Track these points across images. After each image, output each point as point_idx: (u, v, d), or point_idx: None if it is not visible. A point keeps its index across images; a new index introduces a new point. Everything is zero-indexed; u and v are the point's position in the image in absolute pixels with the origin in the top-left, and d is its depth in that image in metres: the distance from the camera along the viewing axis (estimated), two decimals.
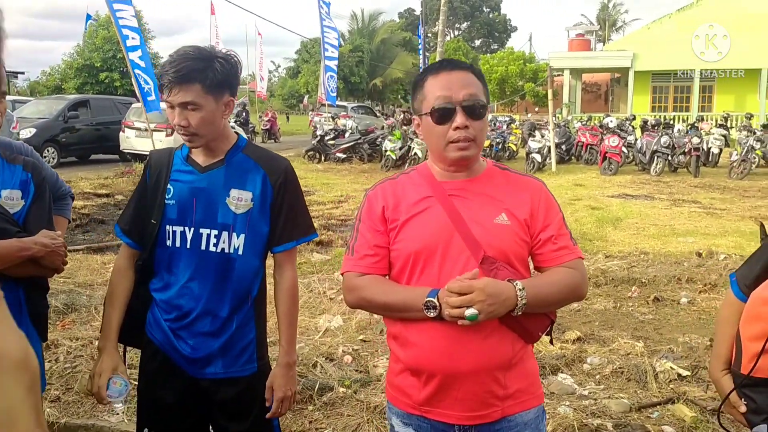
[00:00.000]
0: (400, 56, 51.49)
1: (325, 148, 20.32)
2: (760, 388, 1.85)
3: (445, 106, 1.84)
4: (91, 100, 20.85)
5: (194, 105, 2.12)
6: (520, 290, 1.76)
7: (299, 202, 2.34)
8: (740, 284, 1.97)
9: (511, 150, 20.50)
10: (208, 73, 2.11)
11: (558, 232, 1.90)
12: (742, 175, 16.03)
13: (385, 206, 1.93)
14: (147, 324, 2.33)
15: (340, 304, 5.78)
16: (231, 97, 2.21)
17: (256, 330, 2.32)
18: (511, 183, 1.95)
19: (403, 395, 1.94)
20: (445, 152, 1.88)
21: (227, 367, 2.27)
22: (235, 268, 2.24)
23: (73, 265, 7.05)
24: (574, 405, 3.99)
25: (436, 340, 1.82)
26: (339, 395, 4.07)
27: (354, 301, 1.96)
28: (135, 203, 2.34)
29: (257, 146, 2.39)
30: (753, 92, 28.61)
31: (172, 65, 2.10)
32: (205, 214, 2.22)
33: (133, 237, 2.32)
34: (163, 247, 2.26)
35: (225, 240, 2.22)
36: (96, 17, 31.36)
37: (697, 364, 4.59)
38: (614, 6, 65.67)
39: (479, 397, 1.85)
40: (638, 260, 7.71)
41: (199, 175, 2.24)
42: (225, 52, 2.20)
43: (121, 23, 15.36)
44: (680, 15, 28.84)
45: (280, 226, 2.29)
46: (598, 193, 13.73)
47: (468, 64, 1.97)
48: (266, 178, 2.25)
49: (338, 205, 12.05)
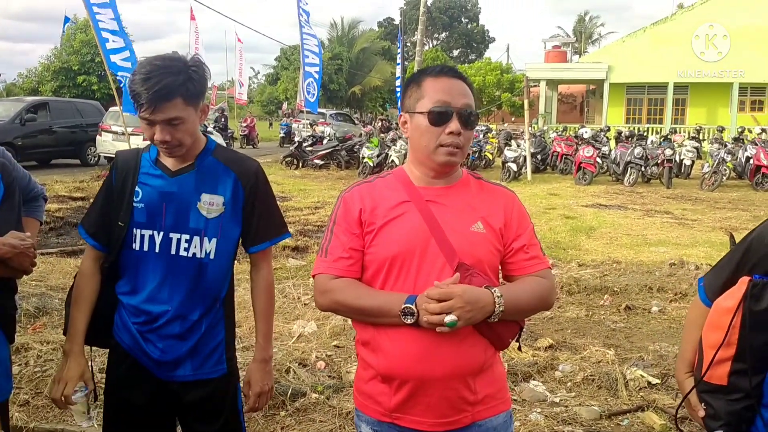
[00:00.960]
0: (378, 65, 51.56)
1: (302, 155, 20.30)
2: (718, 394, 1.89)
3: (443, 110, 1.86)
4: (50, 102, 20.21)
5: (178, 120, 2.08)
6: (498, 297, 1.77)
7: (271, 203, 2.34)
8: (707, 290, 2.01)
9: (487, 159, 20.64)
10: (188, 85, 2.06)
11: (529, 241, 1.94)
12: (713, 186, 16.29)
13: (363, 209, 1.92)
14: (114, 326, 2.30)
15: (315, 310, 5.78)
16: (204, 102, 2.18)
17: (225, 331, 2.31)
18: (486, 192, 1.97)
19: (373, 402, 1.93)
20: (433, 154, 1.89)
21: (196, 369, 2.25)
22: (207, 273, 2.22)
23: (46, 268, 6.96)
24: (546, 412, 4.03)
25: (409, 346, 1.82)
26: (311, 401, 4.07)
27: (326, 304, 1.93)
28: (100, 205, 2.29)
29: (225, 148, 2.35)
30: (725, 105, 29.10)
31: (147, 81, 2.02)
32: (176, 218, 2.18)
33: (99, 239, 2.28)
34: (131, 250, 2.22)
35: (197, 245, 2.19)
36: (74, 20, 31.06)
37: (667, 372, 4.65)
38: (591, 19, 66.54)
39: (451, 403, 1.86)
40: (611, 269, 7.80)
41: (169, 179, 2.19)
42: (194, 59, 2.14)
43: (100, 26, 15.21)
44: (655, 29, 29.28)
45: (255, 228, 2.29)
46: (573, 202, 13.88)
47: (465, 75, 1.98)
48: (237, 182, 2.23)
49: (315, 211, 12.04)
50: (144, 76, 2.03)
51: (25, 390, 4.06)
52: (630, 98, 31.63)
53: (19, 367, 4.29)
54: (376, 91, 51.43)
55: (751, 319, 1.79)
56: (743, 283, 1.83)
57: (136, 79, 2.04)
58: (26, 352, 4.54)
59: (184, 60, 2.10)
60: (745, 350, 1.80)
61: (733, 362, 1.83)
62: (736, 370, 1.84)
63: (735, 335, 1.81)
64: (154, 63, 2.06)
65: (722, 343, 1.82)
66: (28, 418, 3.76)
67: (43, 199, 2.92)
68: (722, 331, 1.83)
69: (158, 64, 2.05)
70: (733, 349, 1.82)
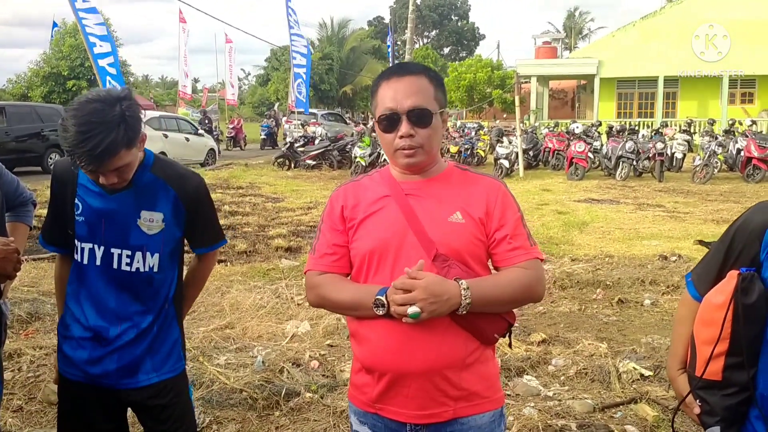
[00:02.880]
0: (369, 64, 51.57)
1: (294, 155, 20.30)
2: (713, 390, 1.89)
3: (390, 115, 1.87)
4: (6, 107, 19.07)
5: (124, 166, 2.03)
6: (465, 289, 1.76)
7: (211, 216, 2.39)
8: (696, 284, 2.01)
9: (479, 156, 20.66)
10: (128, 134, 1.97)
11: (513, 231, 1.90)
12: (704, 179, 16.36)
13: (344, 206, 1.96)
14: (59, 363, 2.28)
15: (308, 310, 5.78)
16: (142, 132, 2.09)
17: (179, 328, 2.33)
18: (469, 182, 1.96)
19: (360, 393, 1.96)
20: (394, 158, 1.92)
21: (158, 370, 2.24)
22: (152, 284, 2.23)
23: (38, 274, 6.95)
24: (539, 406, 4.04)
25: (387, 337, 1.84)
26: (305, 400, 4.08)
27: (313, 299, 1.98)
28: (51, 213, 2.30)
29: (166, 162, 2.30)
30: (715, 98, 29.21)
31: (85, 143, 1.89)
32: (116, 235, 2.17)
33: (59, 245, 2.30)
34: (76, 262, 2.23)
35: (139, 260, 2.19)
36: (62, 25, 30.94)
37: (659, 364, 4.67)
38: (580, 14, 66.66)
39: (430, 396, 1.86)
40: (603, 263, 7.83)
41: (108, 196, 2.16)
42: (125, 95, 2.01)
43: (87, 31, 15.21)
44: (644, 23, 29.36)
45: (195, 237, 2.35)
46: (565, 197, 13.92)
47: (422, 67, 1.98)
48: (177, 199, 2.22)
49: (307, 212, 12.03)
50: (80, 136, 1.90)
51: (18, 395, 4.05)
52: (621, 93, 31.72)
53: (12, 372, 4.28)
54: (367, 90, 51.36)
55: (744, 312, 1.79)
56: (732, 277, 1.83)
57: (71, 138, 1.91)
58: (19, 358, 4.53)
59: (117, 103, 1.97)
60: (740, 344, 1.80)
61: (726, 357, 1.83)
62: (730, 365, 1.83)
63: (728, 330, 1.81)
64: (88, 120, 1.91)
65: (718, 338, 1.82)
66: (21, 423, 3.76)
67: (33, 204, 2.91)
68: (716, 327, 1.82)
69: (93, 121, 1.91)
70: (726, 344, 1.82)
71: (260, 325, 5.48)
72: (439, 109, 1.92)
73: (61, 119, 1.97)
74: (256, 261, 8.16)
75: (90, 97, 1.98)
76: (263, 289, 6.59)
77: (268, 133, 30.75)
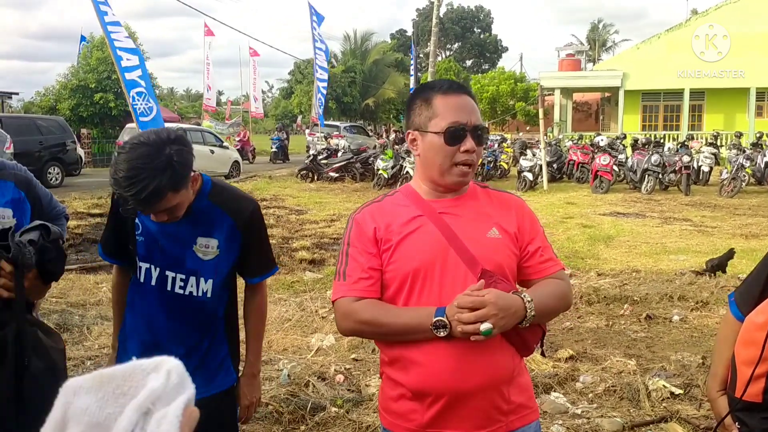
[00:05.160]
0: (392, 76, 51.68)
1: (317, 168, 20.38)
2: (753, 412, 1.85)
3: (458, 129, 1.86)
4: (4, 119, 18.10)
5: (172, 207, 2.06)
6: (529, 302, 1.78)
7: (265, 242, 2.42)
8: (738, 304, 1.97)
9: (502, 168, 20.58)
10: (175, 179, 1.98)
11: (543, 244, 1.97)
12: (732, 193, 16.13)
13: (377, 228, 1.90)
14: None
15: (332, 323, 5.77)
16: (194, 171, 2.11)
17: (228, 346, 2.36)
18: (495, 199, 1.99)
19: (405, 420, 1.89)
20: (447, 173, 1.88)
21: (208, 385, 2.27)
22: (204, 308, 2.27)
23: (66, 285, 7.02)
24: (567, 424, 3.99)
25: (442, 359, 1.80)
26: (331, 415, 4.06)
27: (350, 326, 1.90)
28: (111, 227, 2.35)
29: (223, 187, 2.33)
30: (742, 111, 28.87)
31: (131, 188, 1.91)
32: (172, 259, 2.22)
33: (117, 257, 2.36)
34: (134, 277, 2.28)
35: (193, 284, 2.23)
36: (90, 38, 31.40)
37: (690, 382, 4.59)
38: (604, 27, 66.41)
39: (485, 414, 1.85)
40: (630, 278, 7.73)
41: (166, 222, 2.17)
42: (175, 138, 2.02)
43: (115, 44, 15.42)
44: (669, 35, 29.15)
45: (249, 264, 2.36)
46: (590, 211, 13.79)
47: (469, 89, 2.00)
48: (233, 225, 2.25)
49: (330, 224, 12.05)
50: (126, 181, 1.92)
51: None
52: (645, 105, 31.46)
53: None
54: (389, 102, 51.52)
55: None
56: None
57: (120, 181, 1.93)
58: None
59: (165, 147, 1.96)
60: None
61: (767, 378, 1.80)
62: None
63: None
64: (135, 164, 1.92)
65: (759, 359, 1.78)
66: None
67: (65, 218, 2.94)
68: (757, 347, 1.78)
69: (140, 166, 1.91)
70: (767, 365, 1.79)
71: (285, 338, 5.48)
72: None
73: (113, 160, 1.99)
74: (281, 273, 8.16)
75: (141, 139, 1.99)
76: (288, 301, 6.60)
77: (279, 146, 30.27)
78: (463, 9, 68.17)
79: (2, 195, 2.38)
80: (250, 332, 2.45)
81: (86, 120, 30.46)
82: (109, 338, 5.26)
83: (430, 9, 28.43)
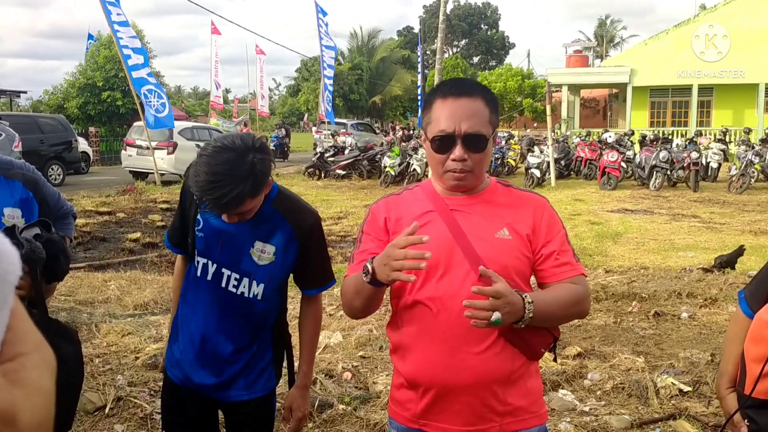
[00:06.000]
0: (399, 74, 51.69)
1: (324, 165, 20.40)
2: (762, 410, 1.84)
3: (445, 137, 1.83)
4: (4, 117, 17.59)
5: (249, 212, 2.12)
6: (529, 303, 1.74)
7: (323, 254, 2.41)
8: (748, 301, 1.96)
9: (510, 165, 20.55)
10: (254, 185, 2.02)
11: (560, 248, 1.89)
12: (741, 189, 16.06)
13: (387, 218, 1.94)
14: (166, 363, 2.42)
15: (340, 320, 5.78)
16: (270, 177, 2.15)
17: (273, 352, 2.39)
18: (514, 199, 1.95)
19: (403, 409, 1.94)
20: (442, 177, 1.90)
21: (249, 388, 2.32)
22: (254, 310, 2.29)
23: (74, 283, 7.05)
24: (575, 421, 3.98)
25: (433, 350, 1.82)
26: (339, 412, 4.06)
27: (343, 306, 2.01)
28: (178, 218, 2.40)
29: (287, 196, 2.32)
30: (751, 107, 28.72)
31: (213, 191, 1.96)
32: (229, 257, 2.24)
33: (181, 247, 2.40)
34: (193, 269, 2.32)
35: (245, 285, 2.25)
36: (98, 36, 31.49)
37: (699, 379, 4.57)
38: (612, 23, 65.97)
39: (476, 411, 1.84)
40: (638, 275, 7.70)
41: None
42: (259, 146, 2.05)
43: (122, 43, 15.52)
44: (678, 31, 29.01)
45: (307, 276, 2.36)
46: (598, 208, 13.76)
47: (480, 87, 1.92)
48: (293, 235, 2.26)
49: (338, 222, 12.06)
50: (209, 185, 1.96)
51: None
52: (654, 101, 31.34)
53: None
54: (396, 100, 51.56)
55: None
56: None
57: (201, 185, 1.97)
58: None
59: (248, 154, 2.00)
60: None
61: None
62: None
63: None
64: (219, 170, 1.96)
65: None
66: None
67: (73, 216, 2.95)
68: (767, 345, 1.78)
69: (224, 172, 1.95)
70: None
71: (293, 336, 5.47)
72: (492, 132, 1.90)
73: (195, 162, 2.02)
74: None
75: (225, 143, 2.01)
76: (295, 299, 6.59)
77: (277, 144, 29.69)
78: (470, 5, 68.05)
79: (11, 195, 2.40)
80: (304, 342, 2.44)
81: (94, 118, 30.59)
82: (117, 336, 5.30)
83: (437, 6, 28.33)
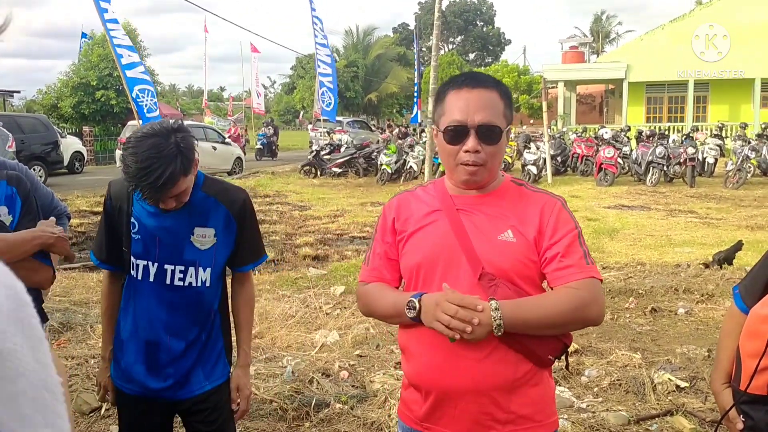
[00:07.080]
0: (394, 71, 51.62)
1: (320, 163, 20.37)
2: (758, 405, 1.84)
3: (458, 127, 1.80)
4: None
5: (183, 192, 2.18)
6: (494, 309, 1.68)
7: (256, 229, 2.50)
8: (743, 296, 1.96)
9: (506, 162, 20.50)
10: (184, 163, 2.11)
11: (566, 250, 1.79)
12: (737, 184, 16.07)
13: (395, 218, 1.94)
14: (112, 377, 2.40)
15: (336, 319, 5.77)
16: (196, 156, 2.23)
17: (223, 338, 2.43)
18: (524, 199, 1.87)
19: (408, 410, 1.93)
20: (454, 171, 1.85)
21: (208, 378, 2.36)
22: (202, 299, 2.33)
23: (69, 284, 7.03)
24: (573, 418, 3.97)
25: (432, 353, 1.80)
26: (336, 411, 4.05)
27: (361, 308, 2.01)
28: (104, 231, 2.39)
29: (214, 180, 2.43)
30: (747, 102, 28.73)
31: (147, 177, 2.04)
32: (170, 251, 2.28)
33: (110, 262, 2.40)
34: (131, 278, 2.33)
35: (192, 274, 2.30)
36: (91, 35, 31.38)
37: (696, 375, 4.57)
38: (607, 18, 66.02)
39: (476, 418, 1.80)
40: (635, 271, 7.70)
41: (162, 215, 2.26)
42: (178, 127, 2.16)
43: (115, 42, 15.46)
44: (673, 26, 29.01)
45: (241, 253, 2.42)
46: (595, 204, 13.75)
47: (494, 81, 1.89)
48: (228, 214, 2.34)
49: (334, 220, 12.04)
50: (142, 172, 2.04)
51: None
52: (650, 97, 31.34)
53: None
54: (392, 97, 51.48)
55: None
56: None
57: (133, 173, 2.05)
58: None
59: (171, 135, 2.10)
60: None
61: None
62: None
63: None
64: (147, 155, 2.05)
65: (764, 351, 1.76)
66: None
67: (67, 217, 2.94)
68: (762, 340, 1.77)
69: (152, 156, 2.04)
70: None
71: (289, 335, 5.47)
72: (506, 127, 1.85)
73: (122, 155, 2.12)
74: (284, 270, 8.17)
75: (146, 131, 2.10)
76: (291, 298, 6.59)
77: (265, 143, 29.35)
78: (466, 2, 68.02)
79: None
80: (241, 323, 2.50)
81: (88, 117, 30.47)
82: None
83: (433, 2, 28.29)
